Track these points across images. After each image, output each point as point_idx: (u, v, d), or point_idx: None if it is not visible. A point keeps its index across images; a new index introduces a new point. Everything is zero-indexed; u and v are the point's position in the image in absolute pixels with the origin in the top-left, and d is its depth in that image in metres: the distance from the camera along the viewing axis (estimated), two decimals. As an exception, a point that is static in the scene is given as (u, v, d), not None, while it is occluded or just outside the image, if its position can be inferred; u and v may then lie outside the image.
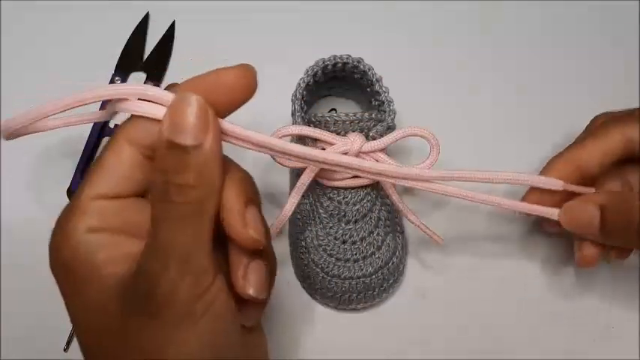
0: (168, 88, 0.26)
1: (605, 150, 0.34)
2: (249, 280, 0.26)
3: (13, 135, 0.27)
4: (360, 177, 0.37)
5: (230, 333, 0.26)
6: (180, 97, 0.23)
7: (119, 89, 0.26)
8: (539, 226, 0.41)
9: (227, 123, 0.26)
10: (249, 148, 0.27)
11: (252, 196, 0.26)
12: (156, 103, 0.25)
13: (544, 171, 0.35)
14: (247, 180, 0.27)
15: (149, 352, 0.24)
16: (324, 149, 0.35)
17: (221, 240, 0.26)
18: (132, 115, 0.26)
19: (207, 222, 0.24)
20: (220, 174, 0.24)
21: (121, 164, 0.25)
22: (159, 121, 0.24)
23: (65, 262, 0.25)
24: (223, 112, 0.25)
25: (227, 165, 0.25)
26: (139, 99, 0.25)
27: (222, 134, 0.26)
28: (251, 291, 0.26)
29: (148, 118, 0.25)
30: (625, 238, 0.33)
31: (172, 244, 0.23)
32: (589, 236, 0.34)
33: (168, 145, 0.23)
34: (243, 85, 0.25)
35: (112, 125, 0.43)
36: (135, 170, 0.26)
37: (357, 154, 0.35)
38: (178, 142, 0.23)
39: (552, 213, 0.34)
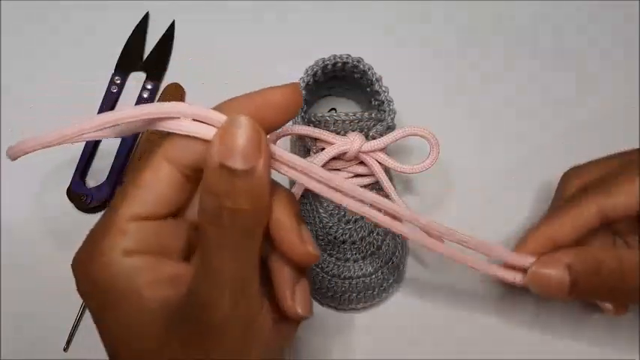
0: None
1: (582, 224, 0.32)
2: (297, 299, 0.26)
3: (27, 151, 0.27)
4: (360, 176, 0.37)
5: (274, 355, 0.26)
6: (232, 120, 0.22)
7: (166, 108, 0.24)
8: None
9: (274, 146, 0.25)
10: (286, 174, 0.26)
11: (299, 214, 0.26)
12: (200, 122, 0.24)
13: (519, 245, 0.33)
14: (293, 198, 0.26)
15: None
16: (323, 149, 0.35)
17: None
18: (169, 133, 0.25)
19: (259, 245, 0.24)
20: (269, 196, 0.24)
21: (159, 183, 0.24)
22: (201, 139, 0.24)
23: (98, 281, 0.24)
24: (268, 130, 0.25)
25: (272, 185, 0.25)
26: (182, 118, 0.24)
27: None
28: (300, 310, 0.26)
29: (187, 136, 0.24)
30: (600, 297, 0.31)
31: (227, 269, 0.23)
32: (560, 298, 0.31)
33: (221, 169, 0.22)
34: (290, 104, 0.25)
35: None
36: (172, 190, 0.25)
37: (357, 154, 0.35)
38: (231, 165, 0.22)
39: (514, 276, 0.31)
